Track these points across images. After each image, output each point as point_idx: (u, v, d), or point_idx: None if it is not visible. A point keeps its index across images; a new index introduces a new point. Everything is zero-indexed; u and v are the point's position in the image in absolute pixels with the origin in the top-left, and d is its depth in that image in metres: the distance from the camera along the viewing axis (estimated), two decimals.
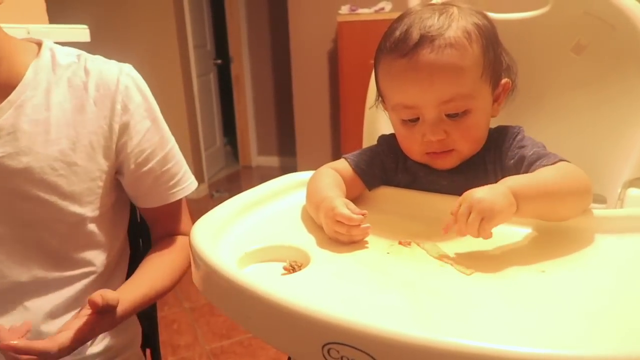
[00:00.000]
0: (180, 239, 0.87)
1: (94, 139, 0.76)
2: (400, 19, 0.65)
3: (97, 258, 0.82)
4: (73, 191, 0.75)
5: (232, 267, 0.50)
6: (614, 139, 0.73)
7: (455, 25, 0.61)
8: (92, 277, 0.81)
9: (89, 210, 0.77)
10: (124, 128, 0.78)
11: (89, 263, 0.80)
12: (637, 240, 0.55)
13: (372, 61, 0.70)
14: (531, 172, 0.59)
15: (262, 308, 0.43)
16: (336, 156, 0.67)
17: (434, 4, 0.67)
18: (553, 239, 0.57)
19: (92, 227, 0.79)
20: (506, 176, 0.63)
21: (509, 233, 0.57)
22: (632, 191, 0.67)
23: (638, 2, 0.70)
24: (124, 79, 0.78)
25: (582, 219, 0.57)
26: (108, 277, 0.85)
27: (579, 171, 0.57)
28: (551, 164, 0.58)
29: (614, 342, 0.39)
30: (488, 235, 0.51)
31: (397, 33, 0.63)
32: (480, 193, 0.52)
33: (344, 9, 3.17)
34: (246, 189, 0.71)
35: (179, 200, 0.86)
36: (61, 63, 0.77)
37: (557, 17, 0.75)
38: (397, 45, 0.62)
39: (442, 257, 0.53)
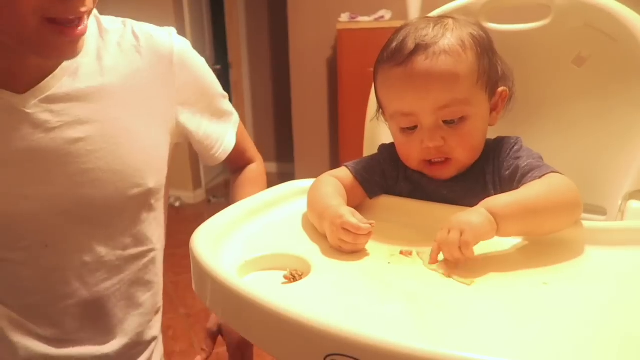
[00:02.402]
0: (249, 170, 0.93)
1: (151, 105, 0.75)
2: (397, 31, 0.67)
3: (159, 235, 0.80)
4: (134, 160, 0.72)
5: (232, 276, 0.49)
6: (615, 150, 0.73)
7: (450, 35, 0.63)
8: (152, 255, 0.79)
9: (150, 182, 0.74)
10: (181, 92, 0.77)
11: (149, 240, 0.78)
12: (630, 253, 0.55)
13: (372, 69, 0.71)
14: (523, 183, 0.59)
15: (262, 317, 0.43)
16: (334, 163, 0.67)
17: (431, 17, 0.69)
18: (546, 249, 0.56)
19: (153, 200, 0.76)
20: (504, 186, 0.63)
21: (501, 243, 0.57)
22: (633, 203, 0.66)
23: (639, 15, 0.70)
24: (176, 43, 0.77)
25: (573, 230, 0.57)
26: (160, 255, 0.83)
27: (567, 184, 0.57)
28: (539, 177, 0.58)
29: (618, 357, 0.39)
30: (470, 251, 0.51)
31: (394, 44, 0.65)
32: (456, 215, 0.54)
33: (344, 17, 3.18)
34: None
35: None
36: (107, 28, 0.74)
37: (558, 29, 0.75)
38: (393, 54, 0.64)
39: (441, 267, 0.53)
